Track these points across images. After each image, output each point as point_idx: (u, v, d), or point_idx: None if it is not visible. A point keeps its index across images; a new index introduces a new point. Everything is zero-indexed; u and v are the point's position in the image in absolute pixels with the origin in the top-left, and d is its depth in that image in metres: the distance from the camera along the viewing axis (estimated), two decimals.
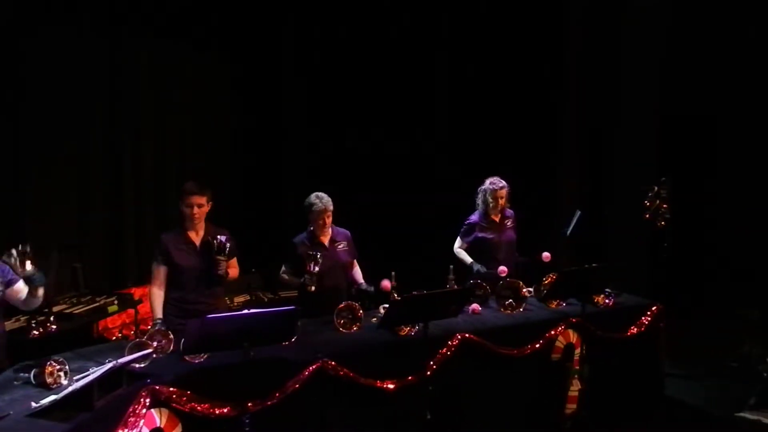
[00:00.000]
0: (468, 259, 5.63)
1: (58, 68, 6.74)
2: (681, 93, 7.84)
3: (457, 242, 5.75)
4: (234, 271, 4.64)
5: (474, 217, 5.71)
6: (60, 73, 6.75)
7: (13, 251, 3.43)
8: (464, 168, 8.23)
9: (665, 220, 6.14)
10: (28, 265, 3.46)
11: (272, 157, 8.67)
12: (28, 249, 3.45)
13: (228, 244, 4.39)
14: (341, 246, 4.99)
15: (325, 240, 4.94)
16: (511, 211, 5.77)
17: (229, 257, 4.48)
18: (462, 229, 5.74)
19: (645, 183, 6.36)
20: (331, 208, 4.88)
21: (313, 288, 4.61)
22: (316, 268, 4.61)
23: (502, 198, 5.60)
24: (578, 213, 5.83)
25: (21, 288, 3.66)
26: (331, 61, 8.47)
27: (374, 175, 8.21)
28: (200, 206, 4.42)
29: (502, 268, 5.25)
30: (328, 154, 8.56)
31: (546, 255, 5.29)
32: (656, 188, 6.16)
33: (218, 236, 4.38)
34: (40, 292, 3.62)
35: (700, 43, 7.80)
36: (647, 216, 6.18)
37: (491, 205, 5.61)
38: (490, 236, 5.61)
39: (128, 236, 7.43)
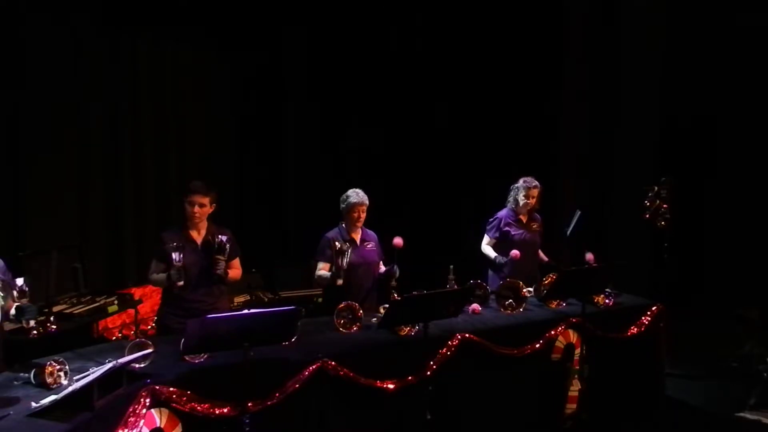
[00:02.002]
0: (492, 254, 5.65)
1: (58, 68, 6.75)
2: (681, 93, 7.85)
3: (485, 239, 5.75)
4: (236, 272, 4.63)
5: (502, 213, 5.74)
6: (60, 72, 6.76)
7: (18, 282, 3.50)
8: (464, 168, 8.24)
9: (665, 220, 6.14)
10: (24, 300, 3.54)
11: (273, 156, 8.67)
12: (26, 287, 3.52)
13: (228, 245, 4.38)
14: (370, 246, 5.01)
15: (357, 237, 4.96)
16: (539, 216, 5.82)
17: (231, 258, 4.48)
18: (488, 225, 5.75)
19: (645, 183, 6.36)
20: (367, 203, 4.91)
21: (340, 282, 4.64)
22: (345, 263, 4.63)
23: (534, 197, 5.65)
24: (578, 213, 5.83)
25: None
26: (332, 60, 8.47)
27: (375, 175, 8.21)
28: (202, 206, 4.42)
29: (515, 252, 5.33)
30: (328, 154, 8.56)
31: (590, 256, 5.27)
32: (656, 188, 6.16)
33: (219, 236, 4.38)
34: (31, 323, 3.68)
35: (700, 43, 7.80)
36: (647, 216, 6.18)
37: (522, 203, 5.65)
38: (515, 233, 5.65)
39: (128, 236, 7.44)
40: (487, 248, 5.73)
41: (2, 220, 6.39)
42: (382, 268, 5.08)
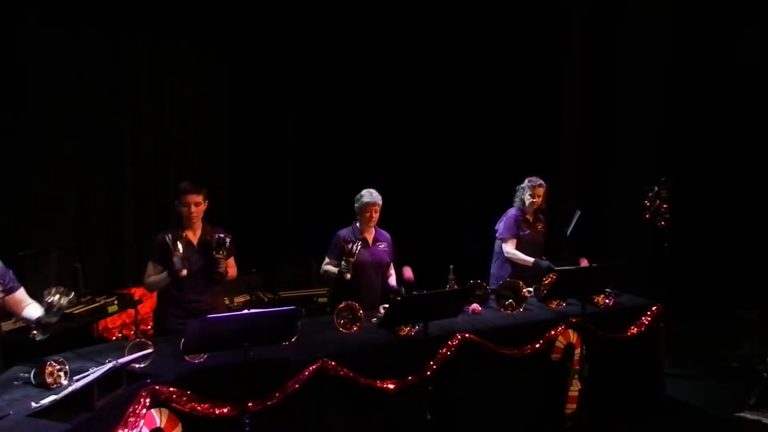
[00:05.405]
0: (529, 259, 5.56)
1: (58, 68, 6.75)
2: (681, 93, 7.85)
3: (510, 244, 5.62)
4: (232, 270, 4.62)
5: (513, 212, 5.71)
6: (60, 72, 6.76)
7: (55, 290, 3.46)
8: (465, 168, 8.24)
9: (665, 220, 6.14)
10: (64, 300, 3.48)
11: (273, 156, 8.67)
12: (73, 294, 3.52)
13: (227, 240, 4.37)
14: (382, 246, 5.04)
15: (369, 237, 5.00)
16: (542, 216, 5.82)
17: (227, 256, 4.47)
18: (507, 225, 5.66)
19: (645, 183, 6.36)
20: (380, 203, 4.94)
21: (349, 276, 4.67)
22: (354, 255, 4.67)
23: (540, 196, 5.65)
24: (578, 213, 5.83)
25: (21, 298, 3.66)
26: (332, 60, 8.47)
27: (376, 176, 8.20)
28: (197, 205, 4.41)
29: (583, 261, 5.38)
30: (329, 153, 8.56)
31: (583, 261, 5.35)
32: (656, 188, 6.17)
33: (217, 234, 4.37)
34: (53, 320, 3.55)
35: (700, 43, 7.80)
36: (647, 216, 6.19)
37: (528, 202, 5.66)
38: (522, 233, 5.66)
39: (128, 236, 7.43)
40: (517, 253, 5.61)
41: (2, 220, 6.39)
42: (393, 276, 5.06)
